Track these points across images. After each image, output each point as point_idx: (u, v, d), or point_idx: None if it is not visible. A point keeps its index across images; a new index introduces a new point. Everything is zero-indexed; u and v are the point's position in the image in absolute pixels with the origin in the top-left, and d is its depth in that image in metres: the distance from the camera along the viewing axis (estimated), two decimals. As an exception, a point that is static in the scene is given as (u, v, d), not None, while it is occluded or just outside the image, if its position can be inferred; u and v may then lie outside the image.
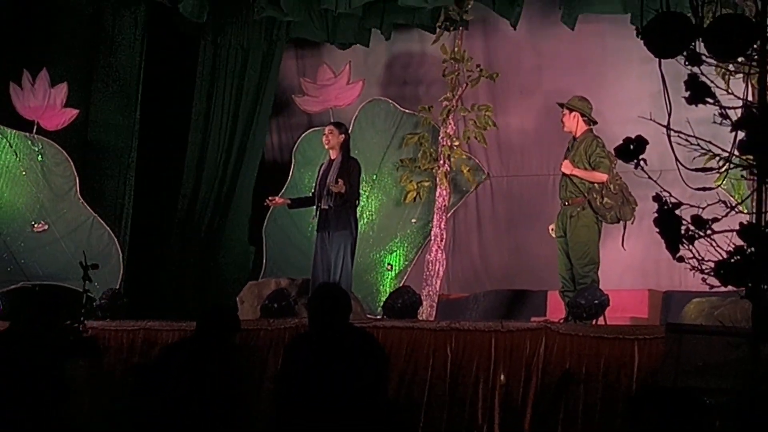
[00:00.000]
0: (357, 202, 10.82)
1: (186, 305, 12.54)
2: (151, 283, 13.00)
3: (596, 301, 9.20)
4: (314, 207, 10.74)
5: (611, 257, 10.39)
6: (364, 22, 12.35)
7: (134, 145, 12.89)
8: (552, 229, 10.15)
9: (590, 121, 10.11)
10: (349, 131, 11.13)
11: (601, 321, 9.20)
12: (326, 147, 10.84)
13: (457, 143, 11.87)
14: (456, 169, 11.98)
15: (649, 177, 5.01)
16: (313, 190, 10.93)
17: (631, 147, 4.89)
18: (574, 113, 10.09)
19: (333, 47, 13.09)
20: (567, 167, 9.98)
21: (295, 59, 13.78)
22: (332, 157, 10.77)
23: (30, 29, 13.09)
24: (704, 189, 5.23)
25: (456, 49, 11.87)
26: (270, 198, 11.20)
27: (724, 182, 8.62)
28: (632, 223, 9.94)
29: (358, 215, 10.87)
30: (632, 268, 11.26)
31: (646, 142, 4.97)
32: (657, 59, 5.20)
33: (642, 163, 4.96)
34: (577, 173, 9.93)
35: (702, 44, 5.11)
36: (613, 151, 5.18)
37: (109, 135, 12.87)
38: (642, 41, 5.20)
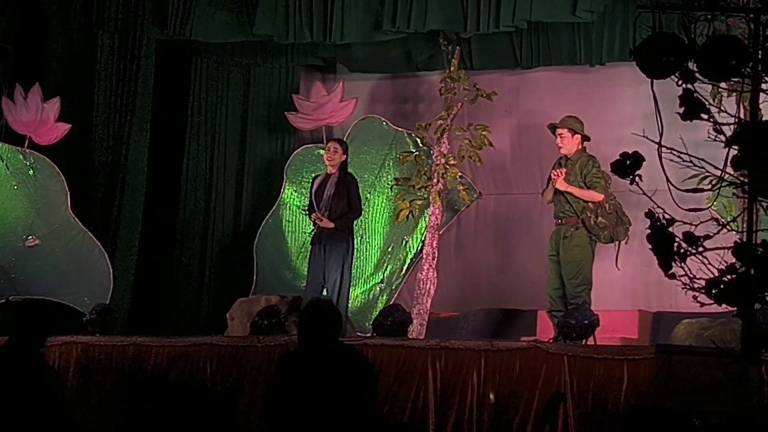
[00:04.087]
0: (361, 214, 10.91)
1: (182, 321, 12.58)
2: (148, 298, 12.95)
3: (586, 321, 9.20)
4: (309, 224, 10.70)
5: (601, 277, 10.39)
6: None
7: (126, 160, 12.82)
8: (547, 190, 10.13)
9: (585, 138, 10.12)
10: (345, 149, 11.11)
11: (591, 341, 9.20)
12: (328, 164, 10.82)
13: (453, 162, 11.78)
14: (450, 188, 11.92)
15: (644, 193, 5.02)
16: (305, 208, 10.88)
17: (628, 163, 4.91)
18: (576, 135, 10.06)
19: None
20: (561, 184, 9.95)
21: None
22: (329, 172, 10.78)
23: (23, 43, 13.06)
24: (695, 210, 5.24)
25: (453, 68, 11.85)
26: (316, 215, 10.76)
27: (716, 203, 8.70)
28: (626, 243, 9.96)
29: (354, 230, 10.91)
30: (622, 289, 11.26)
31: (643, 159, 4.99)
32: (649, 80, 5.23)
33: (637, 179, 4.98)
34: (573, 191, 9.91)
35: (694, 65, 5.13)
36: (609, 167, 5.19)
37: (101, 150, 12.80)
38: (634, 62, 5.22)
